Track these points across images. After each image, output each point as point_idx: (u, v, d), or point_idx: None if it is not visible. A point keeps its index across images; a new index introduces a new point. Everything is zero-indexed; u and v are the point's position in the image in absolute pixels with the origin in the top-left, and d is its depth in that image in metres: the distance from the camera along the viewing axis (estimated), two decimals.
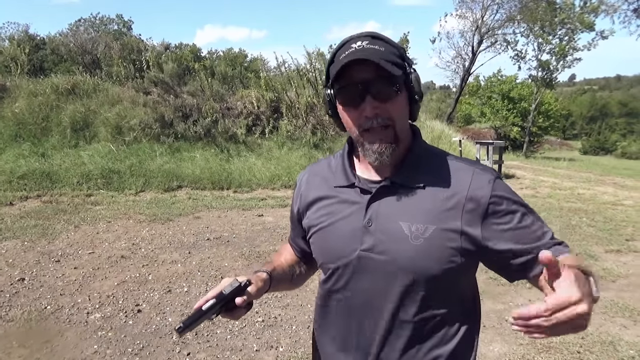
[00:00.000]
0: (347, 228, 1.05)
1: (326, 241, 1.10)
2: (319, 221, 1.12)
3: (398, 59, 0.98)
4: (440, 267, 0.98)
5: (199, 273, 4.57)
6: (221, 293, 0.98)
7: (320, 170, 1.19)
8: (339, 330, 1.11)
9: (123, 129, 9.77)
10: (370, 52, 0.94)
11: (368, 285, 1.04)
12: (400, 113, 1.00)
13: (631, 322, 3.63)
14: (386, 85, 0.96)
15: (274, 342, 3.28)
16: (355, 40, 0.98)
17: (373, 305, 1.04)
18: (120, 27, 34.71)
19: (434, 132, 12.94)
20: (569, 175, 12.91)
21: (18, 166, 8.29)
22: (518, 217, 0.98)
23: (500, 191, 0.99)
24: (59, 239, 5.52)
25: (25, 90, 10.27)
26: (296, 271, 1.29)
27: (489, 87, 30.74)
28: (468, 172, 1.02)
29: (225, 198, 8.19)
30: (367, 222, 1.02)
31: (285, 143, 10.69)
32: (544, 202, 8.50)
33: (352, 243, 1.04)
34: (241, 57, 29.20)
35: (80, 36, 15.18)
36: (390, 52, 0.97)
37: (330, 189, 1.12)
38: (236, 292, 0.99)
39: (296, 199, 1.22)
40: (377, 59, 0.93)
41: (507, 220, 0.98)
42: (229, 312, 1.00)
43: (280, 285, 1.21)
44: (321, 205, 1.12)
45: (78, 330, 3.38)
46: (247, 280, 1.03)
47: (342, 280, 1.08)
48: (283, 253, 1.33)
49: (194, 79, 11.85)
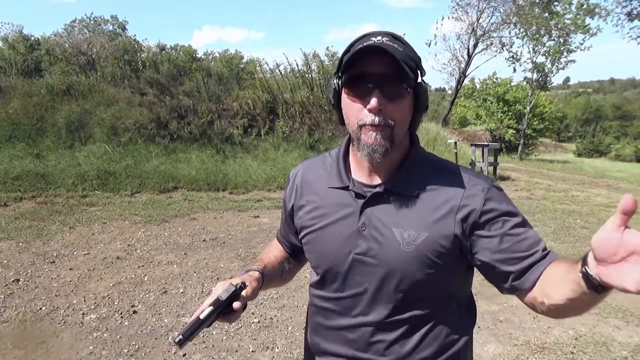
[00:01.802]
0: (342, 231, 1.05)
1: (320, 244, 1.10)
2: (313, 222, 1.11)
3: (413, 63, 0.98)
4: (431, 272, 0.98)
5: (195, 274, 4.57)
6: (218, 299, 0.97)
7: (315, 168, 1.18)
8: (330, 330, 1.12)
9: (118, 129, 9.75)
10: (389, 47, 0.93)
11: (359, 288, 1.05)
12: (403, 117, 0.99)
13: (624, 323, 3.66)
14: (397, 84, 0.95)
15: (270, 343, 3.28)
16: (376, 35, 0.97)
17: (364, 306, 1.05)
18: (115, 28, 34.62)
19: (429, 134, 12.99)
20: (563, 177, 12.98)
21: (12, 167, 8.26)
22: (508, 226, 0.96)
23: (494, 201, 0.98)
24: (54, 240, 5.50)
25: (19, 90, 10.21)
26: (285, 267, 1.29)
27: (484, 89, 30.86)
28: (463, 180, 1.01)
29: (221, 199, 8.18)
30: (360, 226, 1.02)
31: (281, 144, 10.70)
32: (538, 204, 8.55)
33: (346, 246, 1.04)
34: (237, 58, 29.20)
35: (75, 37, 15.16)
36: (407, 54, 0.97)
37: (324, 190, 1.11)
38: (232, 296, 0.99)
39: (290, 196, 1.21)
40: (397, 54, 0.92)
41: (497, 230, 0.96)
42: (226, 317, 1.00)
43: (271, 282, 1.21)
44: (315, 206, 1.12)
45: (73, 332, 3.37)
46: (241, 283, 1.02)
47: (335, 282, 1.09)
48: (272, 250, 1.33)
49: (190, 80, 11.84)
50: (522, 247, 0.95)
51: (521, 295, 0.97)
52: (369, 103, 0.94)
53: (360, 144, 1.00)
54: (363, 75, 0.95)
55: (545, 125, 30.19)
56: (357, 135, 1.00)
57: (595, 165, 21.66)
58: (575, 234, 6.36)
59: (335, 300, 1.10)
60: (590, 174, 14.58)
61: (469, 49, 23.17)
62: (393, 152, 1.01)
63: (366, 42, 0.95)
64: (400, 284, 1.00)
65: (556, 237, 6.21)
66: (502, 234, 0.96)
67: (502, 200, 1.00)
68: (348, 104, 1.00)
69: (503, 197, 1.01)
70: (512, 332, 3.48)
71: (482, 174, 1.10)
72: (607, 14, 20.63)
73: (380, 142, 0.97)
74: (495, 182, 1.06)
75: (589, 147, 36.75)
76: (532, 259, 0.94)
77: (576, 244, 5.88)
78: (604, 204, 8.63)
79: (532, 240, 0.96)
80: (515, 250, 0.95)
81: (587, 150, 36.16)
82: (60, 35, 16.14)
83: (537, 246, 0.95)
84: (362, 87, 0.96)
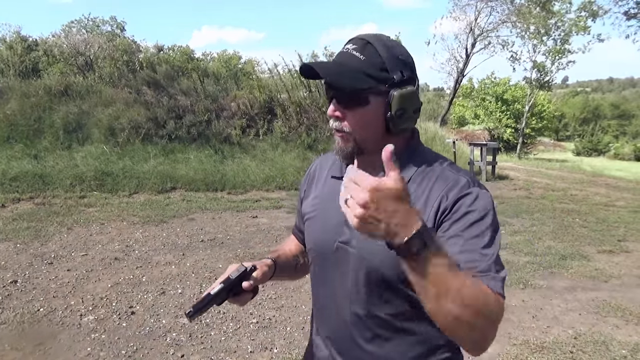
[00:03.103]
0: (332, 219, 1.06)
1: (314, 230, 1.14)
2: (311, 209, 1.16)
3: (378, 70, 0.96)
4: None
5: (193, 275, 4.56)
6: (228, 278, 1.02)
7: (327, 160, 1.23)
8: (317, 318, 1.16)
9: (116, 130, 9.74)
10: (340, 61, 0.98)
11: (339, 277, 1.06)
12: (361, 125, 0.99)
13: (623, 322, 3.66)
14: (347, 95, 0.98)
15: (268, 344, 3.27)
16: (349, 42, 1.00)
17: (340, 297, 1.06)
18: (113, 29, 34.58)
19: (428, 133, 13.00)
20: (562, 176, 12.99)
21: (10, 168, 8.23)
22: (470, 230, 0.90)
23: (469, 198, 0.94)
24: (51, 241, 5.48)
25: (17, 91, 10.20)
26: (300, 261, 1.31)
27: (483, 89, 30.91)
28: (450, 178, 0.99)
29: (219, 200, 8.17)
30: None
31: (280, 144, 10.69)
32: (537, 203, 8.55)
33: (333, 234, 1.06)
34: (235, 58, 29.19)
35: (73, 37, 15.12)
36: (371, 62, 0.95)
37: (327, 179, 1.16)
38: (242, 276, 1.03)
39: (302, 187, 1.27)
40: (332, 74, 0.97)
41: (456, 229, 0.91)
42: (236, 297, 1.04)
43: (283, 272, 1.23)
44: (317, 194, 1.17)
45: (71, 333, 3.36)
46: (252, 266, 1.07)
47: (321, 269, 1.12)
48: (288, 243, 1.36)
49: (187, 80, 11.83)
50: (474, 251, 0.88)
51: None
52: (329, 109, 1.01)
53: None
54: (325, 83, 1.01)
55: (544, 125, 30.26)
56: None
57: (594, 164, 21.68)
58: (574, 233, 6.36)
59: (322, 286, 1.13)
60: (589, 173, 14.60)
61: (467, 49, 23.20)
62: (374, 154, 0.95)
63: (341, 49, 1.01)
64: (377, 277, 0.98)
65: (555, 236, 6.21)
66: (456, 235, 0.90)
67: (480, 205, 0.94)
68: None
69: (484, 203, 0.95)
70: (511, 331, 3.47)
71: (470, 172, 1.08)
72: (604, 13, 20.69)
73: (342, 146, 1.03)
74: (481, 183, 1.01)
75: (587, 146, 36.76)
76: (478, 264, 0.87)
77: (575, 242, 5.88)
78: (603, 203, 8.64)
79: (482, 252, 0.88)
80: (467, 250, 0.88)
81: (586, 149, 36.17)
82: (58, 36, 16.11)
83: (482, 261, 0.87)
84: (327, 93, 1.02)
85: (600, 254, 5.44)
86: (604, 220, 7.15)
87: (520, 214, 7.60)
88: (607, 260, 5.20)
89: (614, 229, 6.62)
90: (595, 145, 36.79)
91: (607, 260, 5.23)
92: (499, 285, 0.86)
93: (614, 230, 6.58)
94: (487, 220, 0.92)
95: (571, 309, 3.91)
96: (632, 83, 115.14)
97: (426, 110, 32.79)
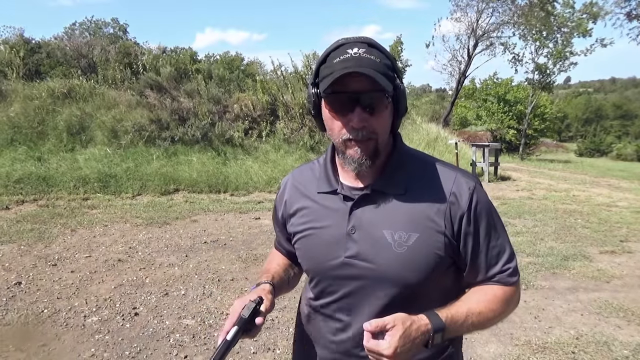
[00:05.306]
0: (331, 235, 1.05)
1: (311, 248, 1.11)
2: (303, 228, 1.12)
3: (390, 71, 0.97)
4: (425, 274, 0.99)
5: (196, 276, 4.58)
6: (241, 318, 0.98)
7: (304, 175, 1.18)
8: (322, 333, 1.13)
9: (119, 132, 9.78)
10: (367, 63, 0.92)
11: (351, 291, 1.05)
12: (385, 127, 1.00)
13: (625, 322, 3.66)
14: (377, 99, 0.95)
15: (271, 345, 3.29)
16: (352, 46, 0.96)
17: (356, 309, 1.05)
18: (115, 31, 34.69)
19: (430, 135, 13.00)
20: (564, 177, 12.98)
21: (14, 170, 8.27)
22: (484, 232, 1.02)
23: (480, 202, 1.02)
24: (55, 242, 5.51)
25: (20, 94, 10.25)
26: (291, 274, 1.30)
27: (485, 90, 30.87)
28: (450, 178, 1.02)
29: (222, 201, 8.19)
30: (350, 229, 1.03)
31: (282, 146, 10.72)
32: (539, 204, 8.55)
33: (336, 250, 1.04)
34: (238, 60, 29.23)
35: (76, 40, 15.17)
36: (384, 64, 0.96)
37: (313, 195, 1.12)
38: (253, 313, 1.00)
39: (280, 205, 1.23)
40: (374, 72, 0.91)
41: (475, 230, 1.01)
42: (247, 333, 1.01)
43: (280, 291, 1.22)
44: (305, 212, 1.13)
45: (75, 334, 3.38)
46: (259, 298, 1.03)
47: (327, 286, 1.10)
48: (274, 259, 1.33)
49: (190, 82, 11.85)
50: (489, 253, 1.04)
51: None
52: (352, 120, 0.95)
53: (345, 157, 1.01)
54: (344, 93, 0.95)
55: (546, 125, 30.21)
56: (342, 148, 1.01)
57: (596, 165, 21.66)
58: (576, 234, 6.35)
59: (325, 305, 1.11)
60: (591, 173, 14.57)
61: (468, 50, 23.22)
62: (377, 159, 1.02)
63: (343, 55, 0.95)
64: (392, 286, 1.00)
65: (557, 237, 6.20)
66: (477, 235, 1.02)
67: (485, 199, 1.04)
68: (329, 118, 1.00)
69: (486, 196, 1.06)
70: (513, 332, 3.48)
71: (461, 168, 1.11)
72: (606, 14, 20.66)
73: (365, 155, 0.98)
74: (477, 178, 1.09)
75: (590, 146, 36.73)
76: (492, 272, 1.04)
77: (577, 243, 5.87)
78: (605, 204, 8.63)
79: (497, 250, 1.05)
80: (483, 253, 1.03)
81: (588, 150, 36.14)
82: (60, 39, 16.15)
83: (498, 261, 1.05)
84: (344, 104, 0.95)
85: (602, 255, 5.44)
86: (606, 221, 7.14)
87: (523, 214, 7.60)
88: (609, 261, 5.20)
89: (616, 230, 6.61)
90: (598, 145, 36.76)
91: (609, 260, 5.22)
92: (512, 279, 1.05)
93: (616, 230, 6.58)
94: (492, 214, 1.05)
95: (573, 309, 3.91)
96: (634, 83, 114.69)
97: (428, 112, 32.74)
